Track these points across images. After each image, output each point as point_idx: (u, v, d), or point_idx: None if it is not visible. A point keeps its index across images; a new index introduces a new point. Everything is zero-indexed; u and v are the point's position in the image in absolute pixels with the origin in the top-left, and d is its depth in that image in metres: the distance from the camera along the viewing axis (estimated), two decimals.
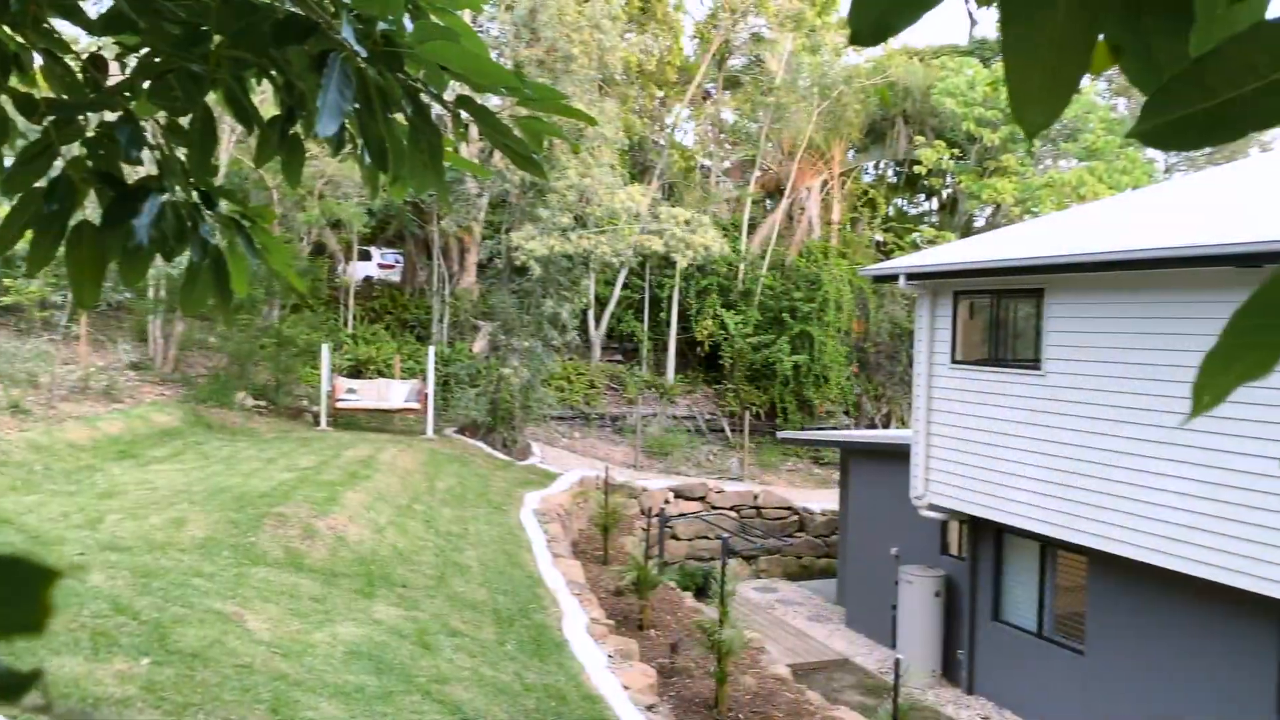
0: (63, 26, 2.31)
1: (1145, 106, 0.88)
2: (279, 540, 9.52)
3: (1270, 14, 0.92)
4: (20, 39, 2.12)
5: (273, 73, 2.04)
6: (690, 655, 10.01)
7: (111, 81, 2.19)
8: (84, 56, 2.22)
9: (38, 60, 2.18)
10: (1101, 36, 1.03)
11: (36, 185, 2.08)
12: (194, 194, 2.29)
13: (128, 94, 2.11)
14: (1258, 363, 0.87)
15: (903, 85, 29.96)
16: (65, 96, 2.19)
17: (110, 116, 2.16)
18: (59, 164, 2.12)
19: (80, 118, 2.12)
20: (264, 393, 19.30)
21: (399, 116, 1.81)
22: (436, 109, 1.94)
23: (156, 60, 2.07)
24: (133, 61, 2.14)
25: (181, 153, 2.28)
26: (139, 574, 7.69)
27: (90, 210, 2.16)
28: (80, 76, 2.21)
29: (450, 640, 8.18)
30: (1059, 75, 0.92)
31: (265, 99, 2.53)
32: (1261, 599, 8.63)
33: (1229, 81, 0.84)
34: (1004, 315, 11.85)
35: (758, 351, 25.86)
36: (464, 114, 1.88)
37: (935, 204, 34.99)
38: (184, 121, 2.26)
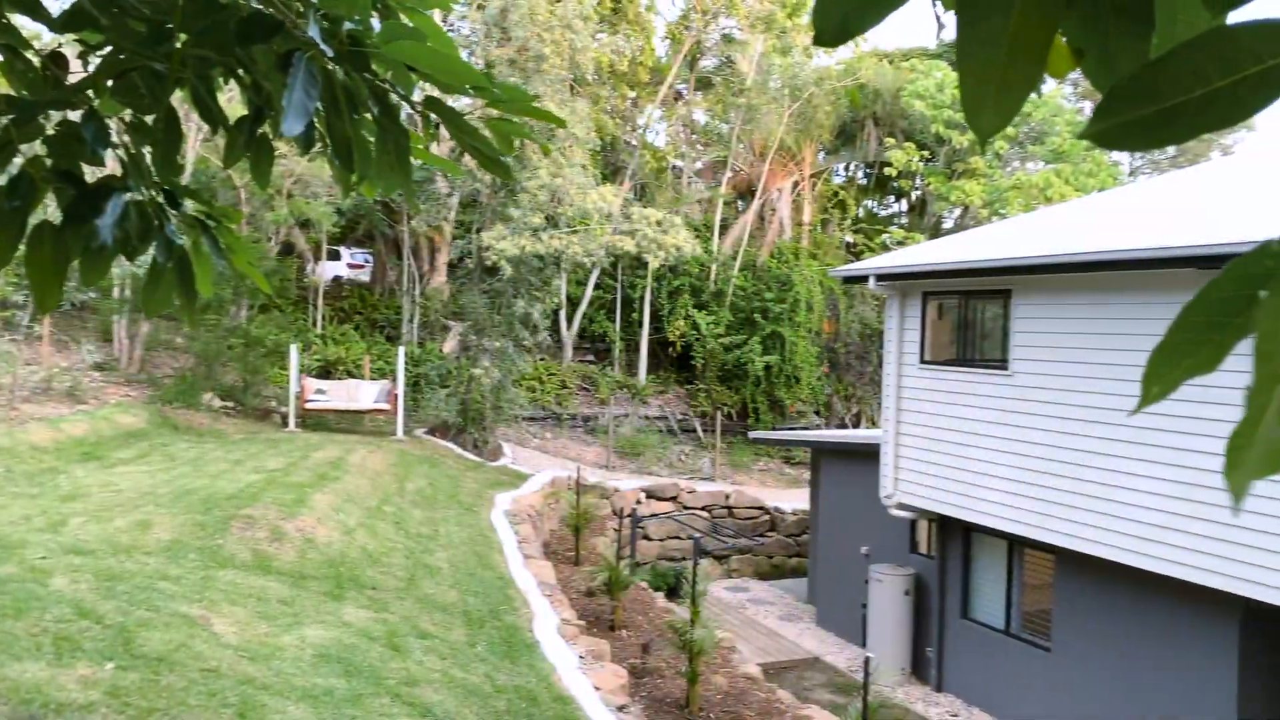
0: (22, 22, 2.28)
1: (1098, 108, 0.90)
2: (246, 542, 9.42)
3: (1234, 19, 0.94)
4: None
5: (240, 72, 2.02)
6: (662, 655, 10.02)
7: (73, 79, 2.16)
8: (44, 53, 2.18)
9: None
10: (1065, 40, 1.05)
11: None
12: (159, 193, 2.27)
13: (90, 92, 2.08)
14: (1206, 358, 0.90)
15: (873, 87, 30.17)
16: (25, 93, 2.15)
17: (72, 115, 2.12)
18: (18, 161, 2.08)
19: (40, 116, 2.09)
20: (231, 393, 19.09)
21: (367, 116, 1.79)
22: (407, 109, 1.92)
23: (121, 58, 2.04)
24: (95, 59, 2.11)
25: (147, 150, 2.25)
26: (103, 577, 7.58)
27: (50, 210, 2.12)
28: (41, 73, 2.17)
29: (420, 642, 8.14)
30: (1011, 81, 0.94)
31: (234, 97, 2.51)
32: (1223, 597, 8.78)
33: (1178, 86, 0.86)
34: (972, 316, 11.96)
35: (729, 352, 25.94)
36: (433, 115, 1.87)
37: (905, 205, 35.26)
38: (149, 119, 2.23)
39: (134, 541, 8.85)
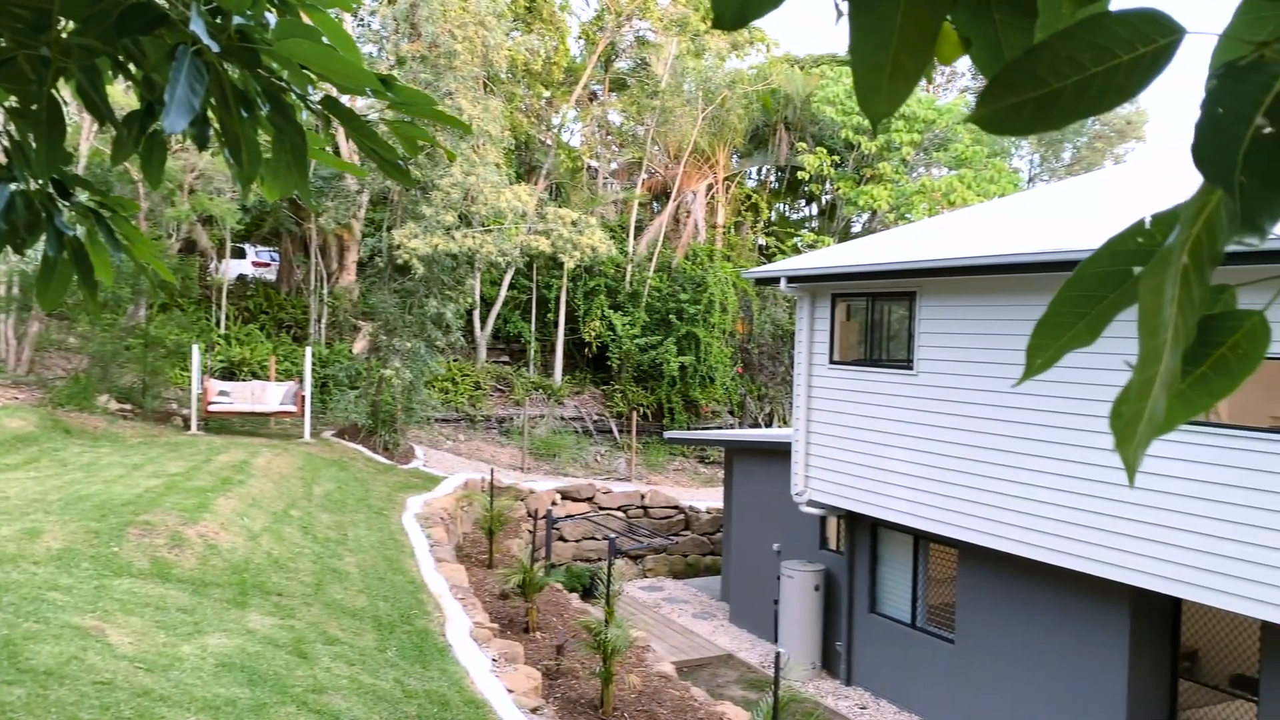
0: None
1: (981, 95, 0.94)
2: (144, 549, 9.09)
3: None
4: None
5: (131, 66, 1.95)
6: (576, 656, 10.01)
7: None
8: None
9: None
10: (954, 28, 1.09)
11: None
12: (47, 183, 2.18)
13: None
14: (1084, 331, 0.95)
15: (784, 93, 30.66)
16: None
17: None
18: None
19: None
20: (129, 395, 18.37)
21: (261, 115, 1.74)
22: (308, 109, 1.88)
23: (1, 44, 1.95)
24: None
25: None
26: None
27: None
28: None
29: (328, 649, 7.96)
30: (901, 67, 0.97)
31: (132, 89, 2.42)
32: (1114, 587, 9.20)
33: (1055, 73, 0.91)
34: (879, 317, 12.26)
35: (645, 353, 26.06)
36: (332, 117, 1.83)
37: (815, 209, 35.93)
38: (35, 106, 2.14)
39: (21, 550, 8.45)
